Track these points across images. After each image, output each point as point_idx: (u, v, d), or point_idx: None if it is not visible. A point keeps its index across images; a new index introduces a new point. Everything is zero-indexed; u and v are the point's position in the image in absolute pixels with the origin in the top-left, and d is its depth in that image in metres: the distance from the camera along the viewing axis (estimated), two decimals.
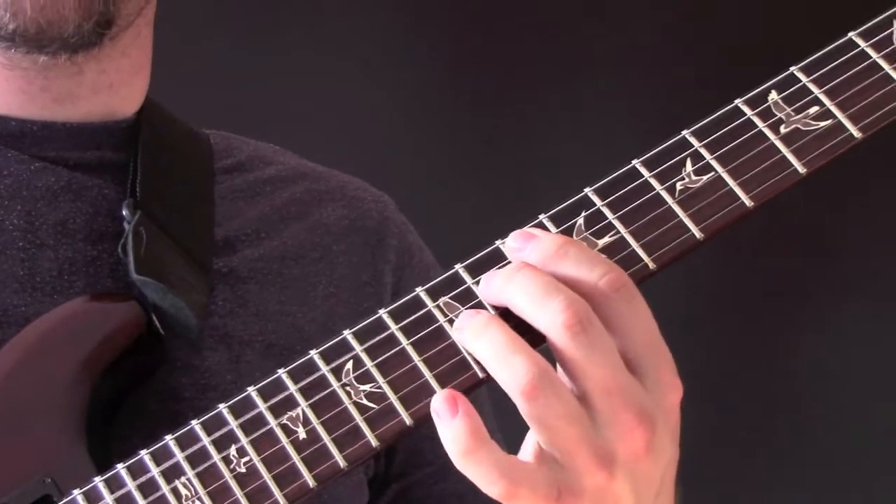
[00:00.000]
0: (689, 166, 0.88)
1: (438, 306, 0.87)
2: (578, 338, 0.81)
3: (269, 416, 0.87)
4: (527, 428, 0.85)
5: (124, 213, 1.01)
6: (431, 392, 0.85)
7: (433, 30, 2.40)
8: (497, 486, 0.81)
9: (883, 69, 0.88)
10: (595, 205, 0.88)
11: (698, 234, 0.87)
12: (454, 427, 0.81)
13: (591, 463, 0.81)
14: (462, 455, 0.81)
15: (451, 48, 2.40)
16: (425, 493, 1.11)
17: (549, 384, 0.81)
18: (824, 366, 2.40)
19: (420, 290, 0.88)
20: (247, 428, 0.87)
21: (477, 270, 0.88)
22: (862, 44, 0.89)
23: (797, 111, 0.88)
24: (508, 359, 0.82)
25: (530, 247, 0.85)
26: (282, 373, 0.88)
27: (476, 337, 0.84)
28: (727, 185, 0.87)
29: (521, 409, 0.82)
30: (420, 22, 2.39)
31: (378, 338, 0.87)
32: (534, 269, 0.83)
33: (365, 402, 0.86)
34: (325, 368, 0.87)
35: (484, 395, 1.14)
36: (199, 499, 0.86)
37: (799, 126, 0.88)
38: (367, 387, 0.86)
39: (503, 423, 1.11)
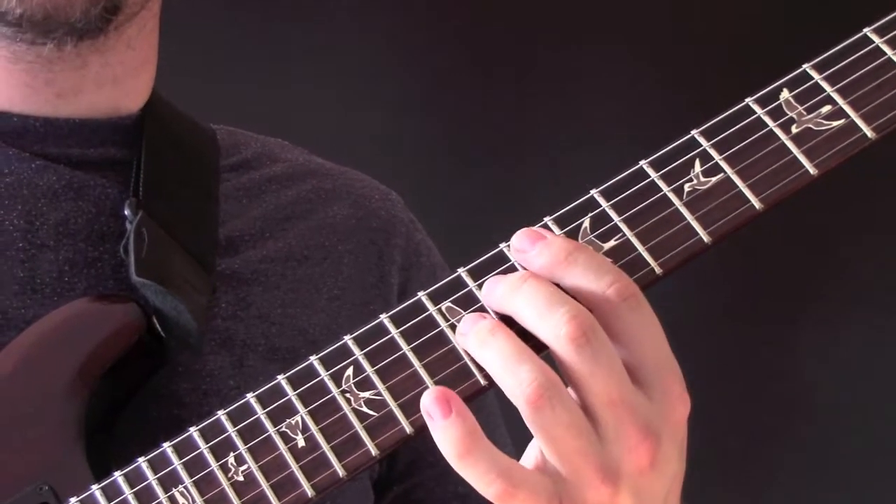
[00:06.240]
0: (697, 167, 0.86)
1: (440, 311, 0.85)
2: (582, 350, 0.79)
3: (267, 423, 0.85)
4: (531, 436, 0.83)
5: (126, 212, 1.00)
6: None
7: (440, 29, 2.38)
8: (494, 486, 0.79)
9: None
10: (601, 206, 0.86)
11: (706, 238, 0.85)
12: (448, 428, 0.79)
13: (595, 477, 0.80)
14: (458, 457, 0.79)
15: (457, 46, 2.37)
16: (427, 496, 1.10)
17: (555, 394, 0.79)
18: (825, 367, 2.37)
19: (422, 295, 0.86)
20: (245, 435, 0.85)
21: (480, 274, 0.86)
22: (877, 40, 0.87)
23: (809, 110, 0.86)
24: (515, 368, 0.80)
25: (537, 250, 0.83)
26: (281, 379, 0.86)
27: (481, 344, 0.82)
28: (736, 186, 0.85)
29: (526, 418, 0.80)
30: (427, 21, 2.37)
31: (378, 343, 0.86)
32: (539, 280, 0.81)
33: (365, 409, 0.85)
34: (324, 374, 0.86)
35: (493, 401, 1.12)
36: None
37: (811, 126, 0.86)
38: (367, 394, 0.85)
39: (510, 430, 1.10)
